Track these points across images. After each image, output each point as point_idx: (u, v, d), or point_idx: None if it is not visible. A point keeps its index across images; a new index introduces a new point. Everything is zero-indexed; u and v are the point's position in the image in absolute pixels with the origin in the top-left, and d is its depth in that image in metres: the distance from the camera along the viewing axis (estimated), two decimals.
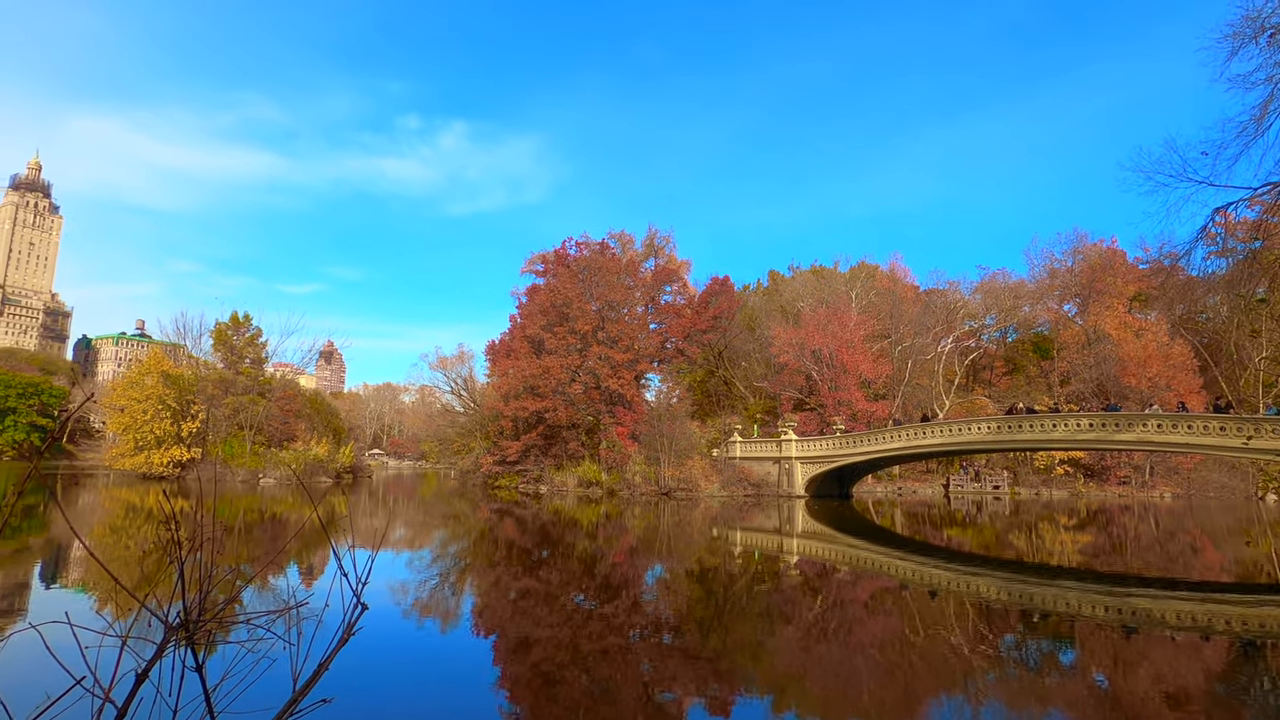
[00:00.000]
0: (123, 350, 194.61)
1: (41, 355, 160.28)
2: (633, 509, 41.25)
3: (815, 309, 66.52)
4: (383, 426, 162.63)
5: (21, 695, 2.06)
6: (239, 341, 70.37)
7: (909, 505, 49.57)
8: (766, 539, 29.82)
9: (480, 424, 70.73)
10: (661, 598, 16.92)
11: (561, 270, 62.88)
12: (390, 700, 8.79)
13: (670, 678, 10.32)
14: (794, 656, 11.68)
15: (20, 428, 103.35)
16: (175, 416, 62.46)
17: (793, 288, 79.06)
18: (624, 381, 55.76)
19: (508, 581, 18.32)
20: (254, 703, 2.09)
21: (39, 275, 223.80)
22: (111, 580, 13.45)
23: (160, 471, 60.97)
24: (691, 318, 69.43)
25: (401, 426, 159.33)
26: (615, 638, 12.41)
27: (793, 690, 10.14)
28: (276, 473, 63.04)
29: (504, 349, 67.29)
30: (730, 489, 51.88)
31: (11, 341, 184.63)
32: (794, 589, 18.43)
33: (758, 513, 40.74)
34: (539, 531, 30.71)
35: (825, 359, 60.07)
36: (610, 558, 23.08)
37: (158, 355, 69.45)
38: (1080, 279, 69.08)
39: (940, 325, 68.34)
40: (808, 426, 57.22)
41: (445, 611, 14.76)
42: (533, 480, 57.44)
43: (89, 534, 23.37)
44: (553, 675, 10.13)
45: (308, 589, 15.38)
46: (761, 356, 68.71)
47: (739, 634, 13.20)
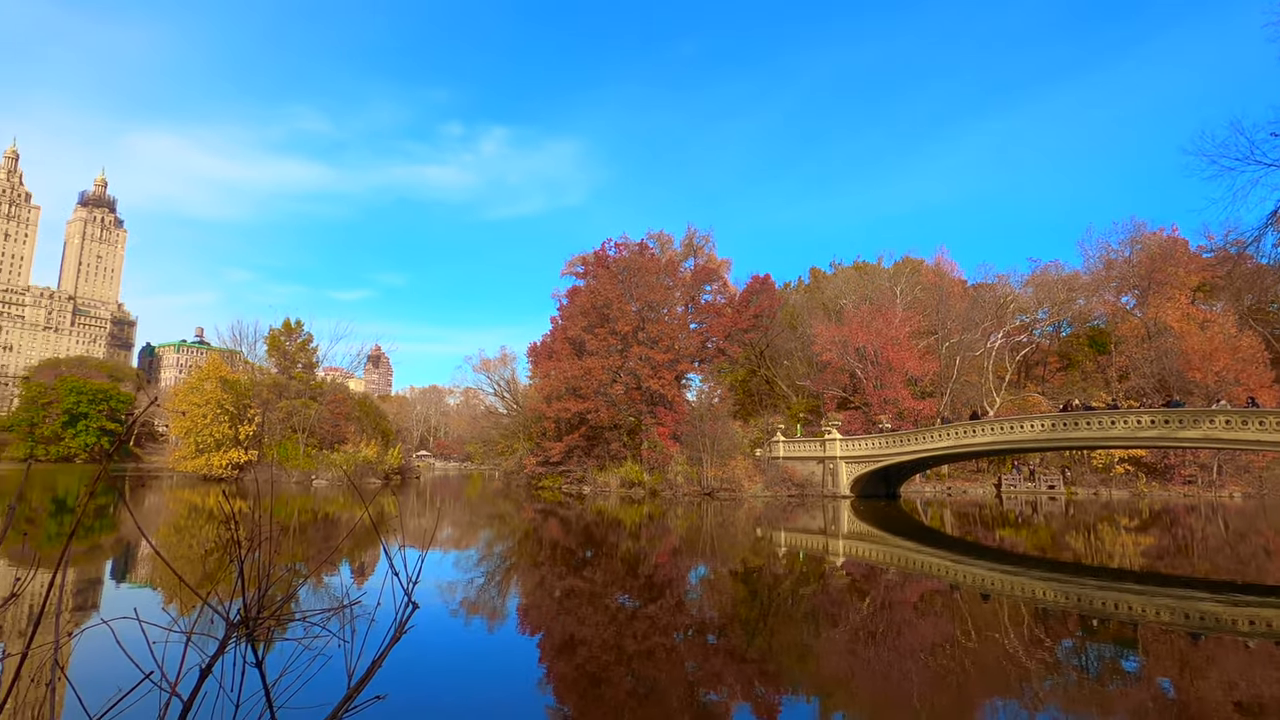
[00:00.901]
0: (184, 357, 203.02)
1: (110, 363, 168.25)
2: (675, 509, 41.19)
3: (858, 306, 65.42)
4: (429, 428, 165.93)
5: (94, 687, 2.17)
6: (291, 347, 72.72)
7: (959, 505, 48.32)
8: (811, 540, 29.43)
9: (523, 425, 71.55)
10: (705, 598, 16.86)
11: (601, 271, 63.18)
12: (439, 697, 8.97)
13: (715, 678, 10.27)
14: (841, 659, 11.50)
15: (91, 432, 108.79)
16: (233, 420, 64.87)
17: (835, 285, 77.90)
18: (665, 382, 55.73)
19: (552, 581, 18.49)
20: (311, 698, 2.16)
21: (106, 287, 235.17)
22: (176, 578, 14.02)
23: (219, 473, 63.40)
24: (732, 317, 68.97)
25: (447, 428, 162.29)
26: (659, 638, 12.41)
27: (840, 693, 9.98)
28: (328, 474, 64.91)
29: (545, 350, 67.95)
30: (774, 489, 51.39)
31: (82, 350, 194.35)
32: (840, 590, 18.14)
33: (802, 513, 40.25)
34: (582, 532, 30.92)
35: (869, 356, 58.99)
36: (653, 558, 23.09)
37: (216, 362, 72.24)
38: (1139, 269, 66.27)
39: (989, 320, 66.42)
40: (852, 425, 56.30)
41: (492, 610, 14.97)
42: (576, 481, 57.84)
43: (155, 534, 24.45)
44: (598, 675, 10.19)
45: (359, 588, 15.80)
46: (804, 355, 67.87)
47: (784, 635, 13.06)
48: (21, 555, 19.36)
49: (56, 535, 24.74)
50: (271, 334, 72.99)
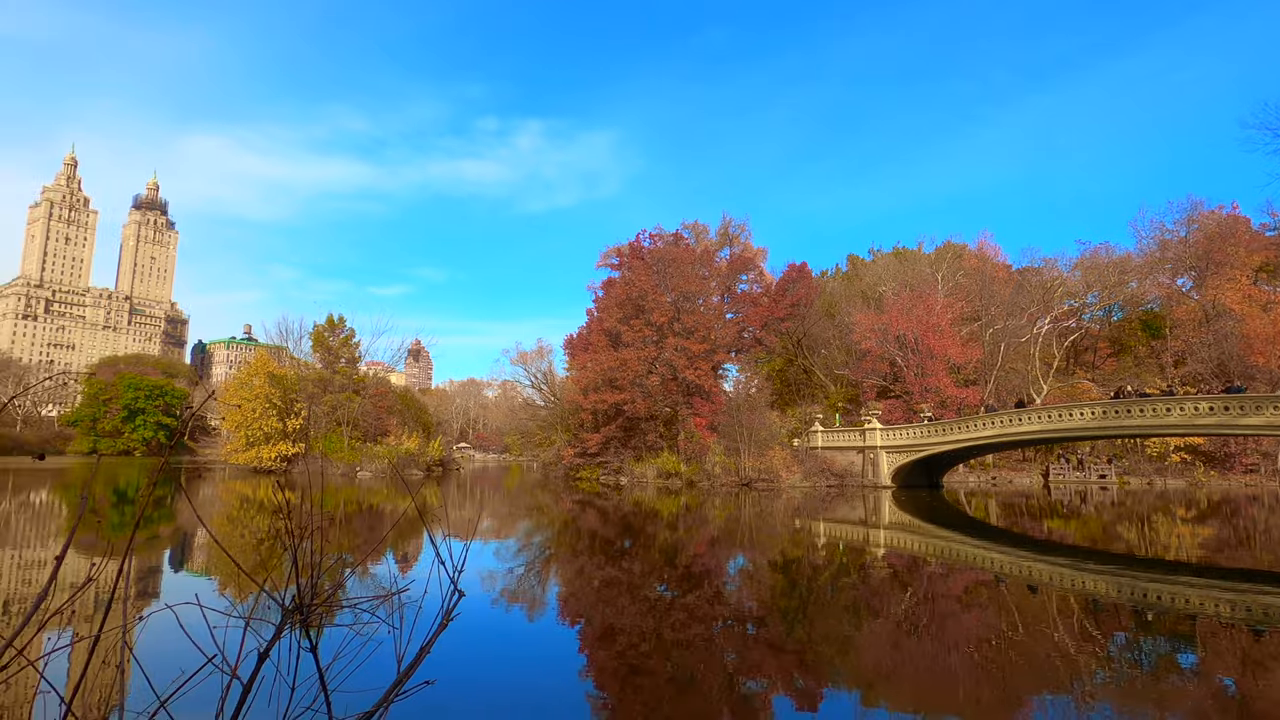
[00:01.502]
0: (233, 353, 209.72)
1: (164, 360, 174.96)
2: (713, 500, 41.14)
3: (898, 292, 64.15)
4: (468, 421, 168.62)
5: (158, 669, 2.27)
6: (335, 342, 74.54)
7: (1005, 495, 47.20)
8: (851, 530, 29.11)
9: (561, 417, 72.19)
10: (744, 589, 16.83)
11: (636, 263, 63.20)
12: (483, 682, 9.15)
13: (755, 668, 10.26)
14: (883, 651, 11.38)
15: (149, 426, 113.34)
16: (280, 414, 66.88)
17: (873, 271, 76.53)
18: (701, 372, 55.59)
19: (591, 571, 18.66)
20: (362, 683, 2.23)
21: (160, 286, 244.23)
22: (230, 565, 14.55)
23: (269, 465, 65.49)
24: (769, 306, 68.37)
25: (486, 420, 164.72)
26: (698, 627, 12.44)
27: (882, 685, 9.88)
28: (372, 466, 66.52)
29: (581, 343, 68.34)
30: (812, 479, 50.93)
31: (139, 348, 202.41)
32: (881, 582, 17.92)
33: (842, 504, 39.82)
34: (620, 522, 31.11)
35: (910, 344, 57.87)
36: (691, 548, 23.12)
37: (263, 357, 74.47)
38: (1195, 250, 63.50)
39: (1036, 305, 64.51)
40: (893, 415, 55.38)
41: (532, 599, 15.19)
42: (613, 471, 58.19)
43: (210, 524, 25.38)
44: (637, 664, 10.27)
45: (405, 576, 16.19)
46: (842, 343, 66.91)
47: (824, 626, 12.97)
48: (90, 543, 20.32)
49: (119, 525, 25.90)
50: (316, 330, 74.94)
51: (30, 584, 14.92)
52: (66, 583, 15.03)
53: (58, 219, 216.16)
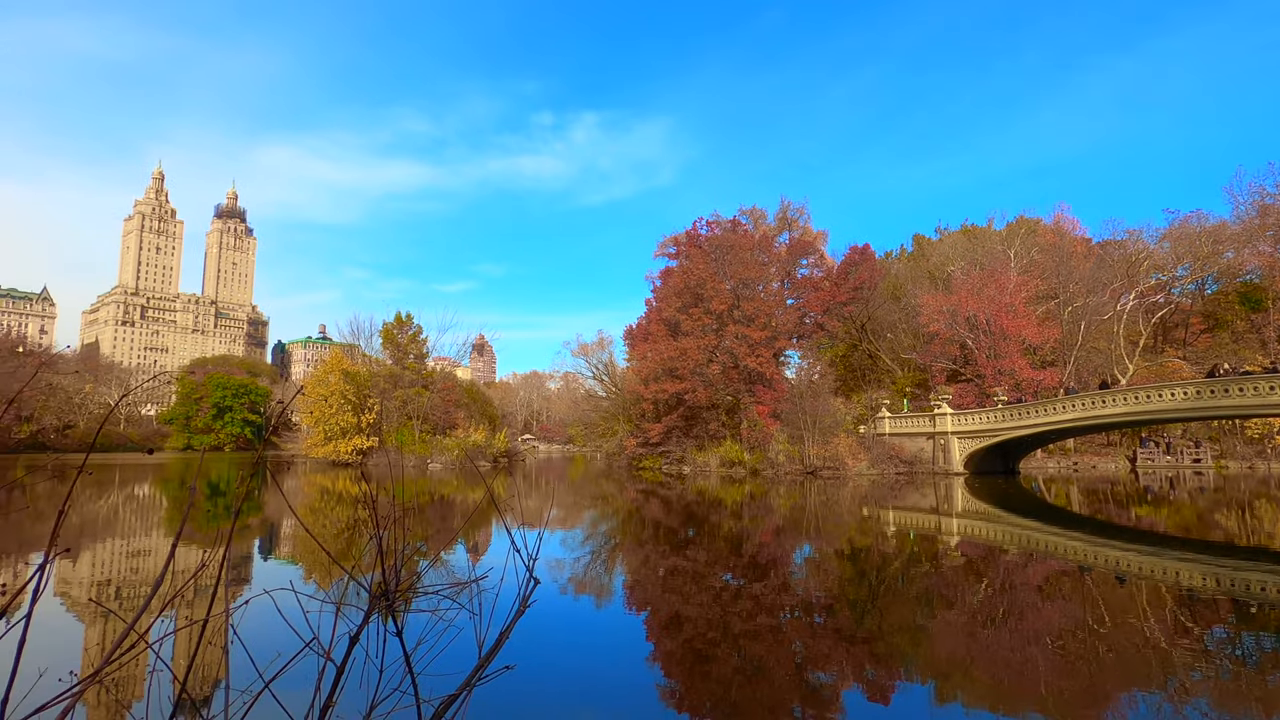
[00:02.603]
0: (310, 352, 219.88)
1: (248, 360, 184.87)
2: (777, 488, 40.72)
3: (968, 272, 61.74)
4: (532, 413, 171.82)
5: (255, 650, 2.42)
6: (403, 339, 77.15)
7: (1088, 482, 44.96)
8: (922, 519, 28.31)
9: (622, 407, 72.75)
10: (811, 578, 16.62)
11: (693, 251, 62.86)
12: (555, 668, 9.37)
13: (823, 658, 10.14)
14: (958, 642, 11.05)
15: (236, 423, 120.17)
16: (355, 409, 69.79)
17: (941, 251, 73.85)
18: (762, 359, 54.97)
19: (656, 560, 18.79)
20: (444, 666, 2.32)
21: (241, 290, 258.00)
22: (314, 553, 15.31)
23: (346, 458, 68.48)
24: (830, 290, 66.91)
25: (549, 412, 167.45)
26: (765, 617, 12.37)
27: (958, 677, 9.61)
28: (442, 458, 68.69)
29: (641, 333, 68.56)
30: (880, 467, 49.76)
31: (224, 349, 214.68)
32: (955, 571, 17.38)
33: (911, 491, 38.77)
34: (684, 511, 31.17)
35: (981, 325, 55.63)
36: (757, 537, 22.98)
37: (338, 355, 77.76)
38: None
39: (1119, 280, 60.96)
40: (964, 399, 53.46)
41: (599, 587, 15.42)
42: (675, 461, 58.31)
43: (294, 514, 26.73)
44: (704, 652, 10.30)
45: (480, 564, 16.70)
46: (909, 327, 64.94)
47: (895, 617, 12.68)
48: (187, 533, 21.72)
49: (211, 515, 27.63)
50: (385, 327, 77.76)
51: (136, 570, 16.08)
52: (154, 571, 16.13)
53: (149, 230, 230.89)
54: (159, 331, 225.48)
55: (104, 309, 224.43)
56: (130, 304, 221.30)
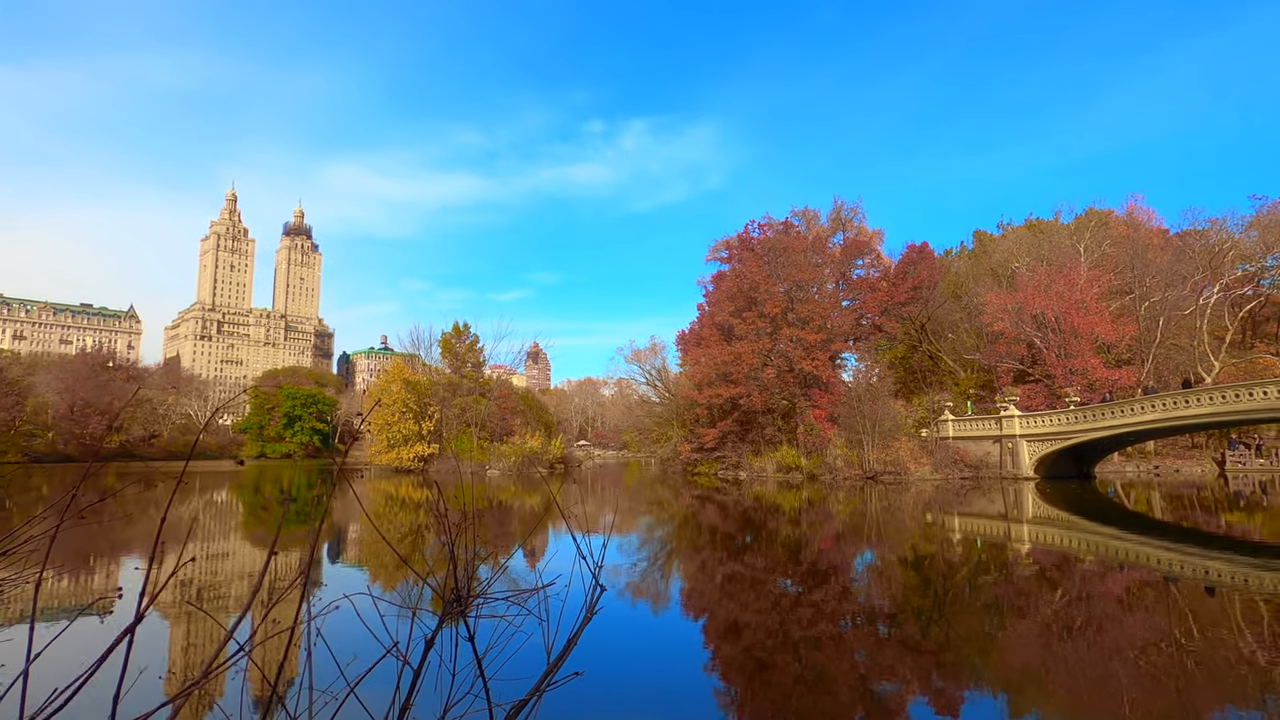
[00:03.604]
0: (373, 362, 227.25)
1: (315, 371, 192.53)
2: (836, 494, 39.92)
3: (1034, 268, 59.35)
4: (586, 419, 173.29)
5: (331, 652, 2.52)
6: (461, 348, 79.01)
7: (1170, 486, 42.51)
8: (990, 525, 27.29)
9: (676, 412, 72.66)
10: (873, 585, 16.22)
11: (745, 254, 62.40)
12: (617, 674, 9.41)
13: (888, 669, 9.88)
14: (1031, 654, 10.60)
15: (305, 431, 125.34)
16: (416, 417, 71.79)
17: (1004, 247, 71.28)
18: (818, 362, 54.07)
19: (713, 566, 18.67)
20: (514, 671, 2.38)
21: (308, 304, 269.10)
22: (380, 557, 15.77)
23: (408, 465, 70.47)
24: (888, 290, 65.36)
25: (603, 418, 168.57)
26: (826, 625, 12.14)
27: (1032, 691, 9.21)
28: (500, 464, 69.95)
29: (694, 338, 68.40)
30: (943, 471, 48.22)
31: (294, 360, 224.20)
32: (1026, 580, 16.68)
33: (978, 497, 37.42)
34: (741, 517, 30.89)
35: (1050, 323, 53.35)
36: (816, 543, 22.57)
37: (399, 365, 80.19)
38: None
39: (1201, 273, 57.57)
40: (1033, 400, 51.34)
41: (657, 593, 15.42)
42: (731, 466, 57.84)
43: (361, 520, 27.69)
44: (764, 659, 10.17)
45: (546, 570, 16.92)
46: (971, 326, 62.84)
47: (963, 626, 12.26)
48: (260, 537, 22.70)
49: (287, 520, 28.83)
50: (443, 337, 79.81)
51: (215, 573, 16.91)
52: (244, 571, 16.91)
53: (223, 249, 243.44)
54: (234, 345, 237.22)
55: (184, 324, 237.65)
56: (208, 319, 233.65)
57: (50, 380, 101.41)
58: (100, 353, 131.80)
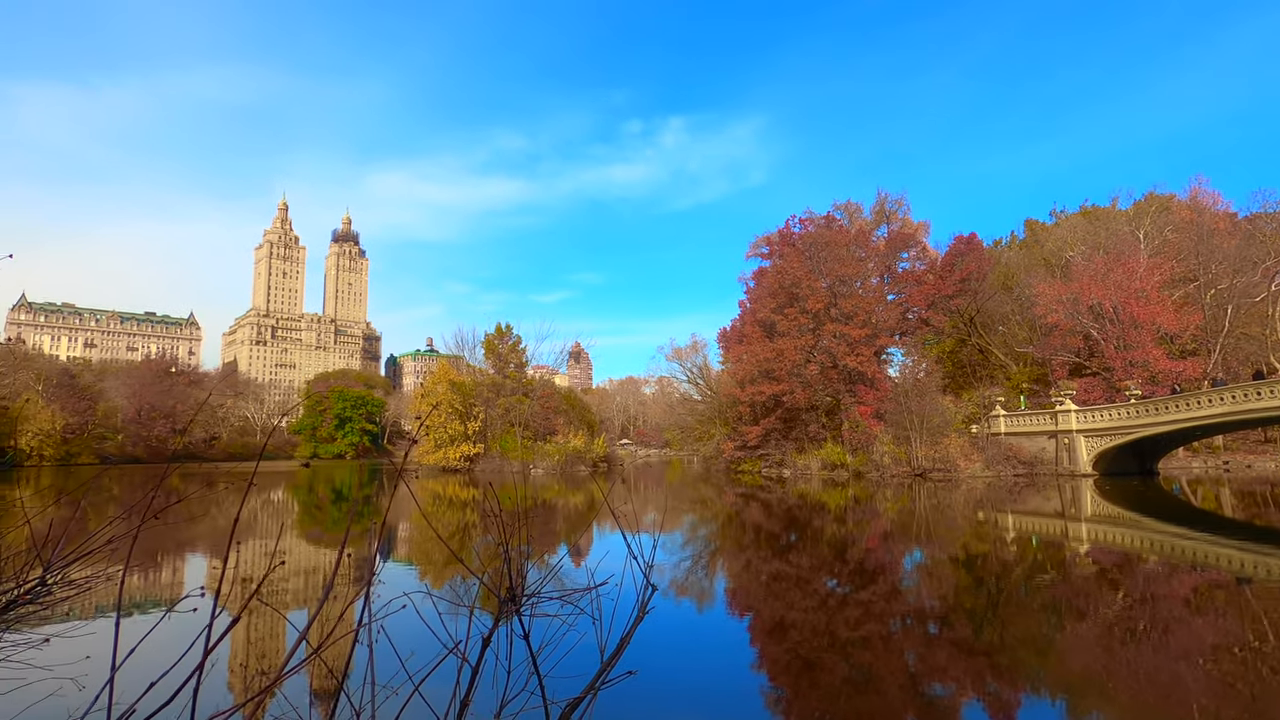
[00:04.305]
0: (419, 364, 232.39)
1: (364, 374, 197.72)
2: (883, 492, 39.20)
3: (1089, 257, 57.25)
4: (628, 418, 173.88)
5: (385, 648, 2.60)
6: (504, 349, 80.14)
7: (1241, 483, 40.50)
8: (1046, 524, 26.44)
9: (718, 410, 72.34)
10: (923, 585, 15.89)
11: (787, 250, 61.75)
12: (665, 671, 9.44)
13: (940, 670, 9.67)
14: (1092, 657, 10.24)
15: (355, 432, 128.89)
16: (461, 418, 73.11)
17: (1057, 235, 68.94)
18: (863, 358, 53.17)
19: (758, 565, 18.55)
20: (567, 669, 2.42)
21: (356, 308, 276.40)
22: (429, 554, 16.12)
23: (455, 465, 71.83)
24: (934, 283, 63.82)
25: (645, 417, 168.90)
26: (874, 625, 11.94)
27: (1093, 695, 8.90)
28: (544, 463, 70.71)
29: (735, 335, 67.99)
30: (996, 468, 46.91)
31: (343, 364, 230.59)
32: (1086, 580, 16.11)
33: (1032, 494, 36.29)
34: (785, 515, 30.60)
35: (1108, 314, 51.38)
36: (862, 542, 22.22)
37: (444, 367, 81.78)
38: None
39: (1273, 258, 54.64)
40: (1090, 394, 49.54)
41: (701, 592, 15.40)
42: (775, 464, 57.33)
43: (410, 519, 28.35)
44: (811, 659, 10.07)
45: (593, 568, 17.06)
46: (1023, 318, 60.96)
47: (1019, 628, 11.91)
48: (316, 535, 23.44)
49: (337, 520, 29.74)
50: (487, 339, 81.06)
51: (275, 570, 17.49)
52: (301, 567, 17.48)
53: (276, 257, 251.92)
54: (287, 349, 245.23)
55: (240, 330, 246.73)
56: (262, 325, 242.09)
57: (119, 385, 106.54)
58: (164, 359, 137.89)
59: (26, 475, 65.89)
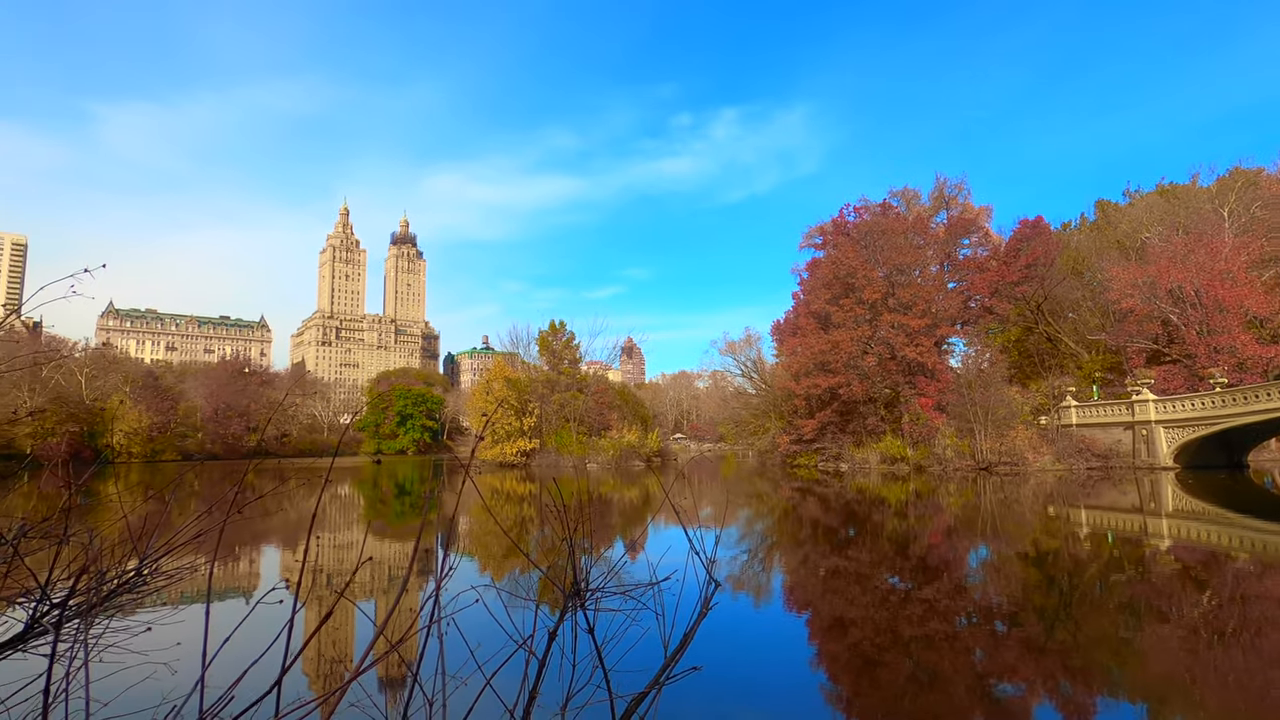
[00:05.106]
0: (475, 362, 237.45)
1: (423, 372, 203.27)
2: (946, 486, 38.09)
3: (1168, 237, 54.16)
4: (681, 412, 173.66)
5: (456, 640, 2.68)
6: (558, 346, 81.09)
7: None
8: (1123, 519, 25.21)
9: (773, 404, 71.53)
10: (989, 582, 15.39)
11: (841, 240, 60.51)
12: (727, 667, 9.43)
13: (1008, 670, 9.36)
14: (1175, 660, 9.73)
15: (416, 429, 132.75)
16: (517, 414, 74.39)
17: (1132, 216, 65.46)
18: (923, 349, 51.71)
19: (816, 560, 18.30)
20: (632, 663, 2.45)
21: (415, 309, 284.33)
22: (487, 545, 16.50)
23: (511, 460, 73.16)
24: (998, 270, 61.49)
25: (698, 411, 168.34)
26: (938, 622, 11.64)
27: (1177, 701, 8.46)
28: (599, 458, 71.31)
29: (789, 327, 67.07)
30: (1067, 461, 45.02)
31: (403, 362, 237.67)
32: (1167, 579, 15.31)
33: (1107, 488, 34.67)
34: (844, 510, 30.08)
35: (1189, 298, 48.54)
36: (925, 538, 21.66)
37: (500, 364, 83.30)
38: None
39: None
40: (1170, 383, 46.96)
41: (758, 586, 15.30)
42: (832, 458, 56.37)
43: (469, 513, 29.04)
44: (872, 657, 9.89)
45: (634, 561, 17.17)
46: (1095, 304, 58.19)
47: (1094, 627, 11.41)
48: (380, 529, 24.26)
49: (401, 513, 30.72)
50: (541, 336, 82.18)
51: (342, 561, 18.23)
52: (356, 560, 18.13)
53: (339, 260, 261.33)
54: (350, 349, 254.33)
55: (307, 332, 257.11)
56: (327, 326, 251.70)
57: (197, 386, 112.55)
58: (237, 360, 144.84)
59: (118, 471, 70.36)
